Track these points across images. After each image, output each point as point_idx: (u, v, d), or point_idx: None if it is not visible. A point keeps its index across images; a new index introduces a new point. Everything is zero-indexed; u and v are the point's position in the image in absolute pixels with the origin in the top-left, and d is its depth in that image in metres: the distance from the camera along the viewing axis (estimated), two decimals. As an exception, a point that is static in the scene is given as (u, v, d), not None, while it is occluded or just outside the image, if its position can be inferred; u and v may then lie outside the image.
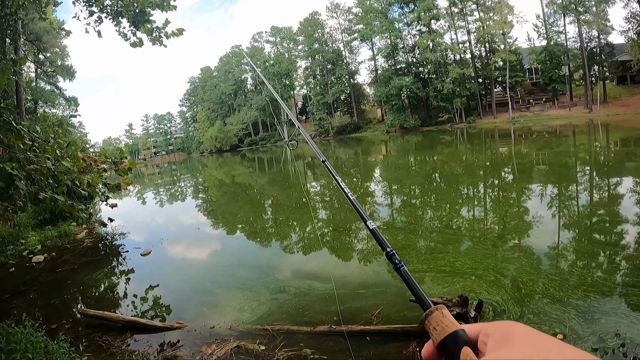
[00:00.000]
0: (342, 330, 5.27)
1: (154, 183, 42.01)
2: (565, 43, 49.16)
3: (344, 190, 1.34)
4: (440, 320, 0.72)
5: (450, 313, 0.74)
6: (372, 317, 5.63)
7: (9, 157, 5.96)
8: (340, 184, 1.38)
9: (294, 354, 5.01)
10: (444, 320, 0.72)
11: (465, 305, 4.92)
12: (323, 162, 1.68)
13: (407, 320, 5.39)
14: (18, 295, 8.67)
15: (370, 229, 1.13)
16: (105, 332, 6.28)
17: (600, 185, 13.04)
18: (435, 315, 0.73)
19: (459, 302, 4.92)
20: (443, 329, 0.71)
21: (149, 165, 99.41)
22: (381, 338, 5.15)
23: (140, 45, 8.96)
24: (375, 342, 5.11)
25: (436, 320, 0.72)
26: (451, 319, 0.72)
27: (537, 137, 32.54)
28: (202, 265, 10.28)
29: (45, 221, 15.46)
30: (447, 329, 0.70)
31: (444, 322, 0.71)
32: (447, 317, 0.73)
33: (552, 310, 5.38)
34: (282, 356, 4.98)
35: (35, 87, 41.12)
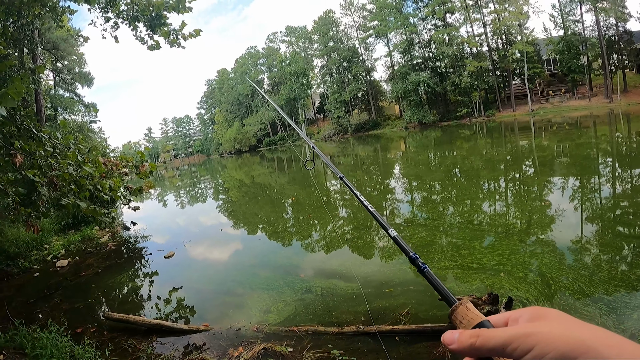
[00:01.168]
0: (371, 330, 5.20)
1: (175, 185, 42.31)
2: (583, 32, 48.37)
3: (363, 203, 1.37)
4: (465, 314, 0.74)
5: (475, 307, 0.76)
6: (400, 316, 5.54)
7: (31, 164, 5.99)
8: (360, 197, 1.43)
9: (322, 356, 4.94)
10: (469, 313, 0.74)
11: (496, 303, 4.80)
12: (341, 178, 1.79)
13: (436, 319, 5.30)
14: (43, 300, 8.75)
15: (392, 236, 1.13)
16: (130, 335, 6.29)
17: (623, 177, 12.76)
18: (460, 310, 0.76)
19: (489, 300, 4.80)
20: (469, 322, 0.72)
21: (169, 167, 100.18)
22: (410, 338, 5.05)
23: (158, 48, 8.97)
24: (405, 342, 5.01)
25: (462, 314, 0.75)
26: (476, 312, 0.74)
27: (558, 129, 32.02)
28: (226, 266, 10.27)
29: (68, 226, 15.63)
30: (472, 322, 0.72)
31: (469, 315, 0.74)
32: (471, 310, 0.75)
33: (582, 306, 5.25)
34: (310, 358, 4.92)
35: (54, 95, 41.74)
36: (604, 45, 44.91)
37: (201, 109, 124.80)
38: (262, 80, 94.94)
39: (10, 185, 6.06)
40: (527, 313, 0.65)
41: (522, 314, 0.66)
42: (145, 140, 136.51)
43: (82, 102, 46.35)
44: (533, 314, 0.64)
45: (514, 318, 0.66)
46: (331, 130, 78.06)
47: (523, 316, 0.65)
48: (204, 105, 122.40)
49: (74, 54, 42.14)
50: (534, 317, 0.63)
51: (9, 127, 5.94)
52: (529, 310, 0.65)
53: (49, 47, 36.10)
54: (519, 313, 0.66)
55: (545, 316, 0.62)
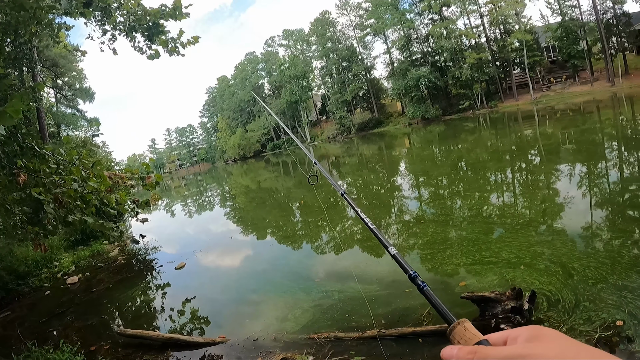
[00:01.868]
0: (392, 333, 5.06)
1: (182, 195, 42.31)
2: (580, 17, 48.22)
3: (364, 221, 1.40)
4: (463, 333, 0.74)
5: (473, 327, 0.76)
6: (422, 317, 5.39)
7: (35, 182, 5.90)
8: (360, 214, 1.46)
9: (344, 363, 4.81)
10: (467, 333, 0.74)
11: (520, 298, 4.65)
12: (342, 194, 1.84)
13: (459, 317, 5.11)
14: (55, 318, 8.66)
15: (392, 254, 1.16)
16: (145, 351, 6.17)
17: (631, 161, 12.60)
18: (458, 329, 0.75)
19: (513, 295, 4.66)
20: (467, 342, 0.72)
21: (175, 177, 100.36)
22: (434, 339, 4.90)
23: (157, 57, 8.86)
24: (428, 343, 4.86)
25: (460, 334, 0.74)
26: (474, 331, 0.74)
27: (561, 115, 31.81)
28: (238, 273, 10.17)
29: (77, 242, 15.59)
30: (470, 341, 0.71)
31: (466, 335, 0.73)
32: (469, 329, 0.74)
33: (607, 295, 5.08)
34: (332, 365, 4.79)
35: (56, 112, 41.85)
36: (603, 28, 44.62)
37: (203, 117, 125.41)
38: (262, 85, 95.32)
39: (16, 205, 5.97)
40: (525, 333, 0.65)
41: (520, 333, 0.66)
42: (150, 151, 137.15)
43: (84, 117, 46.49)
44: (531, 334, 0.64)
45: (513, 337, 0.67)
46: (334, 131, 78.15)
47: (521, 336, 0.65)
48: (206, 113, 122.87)
49: (73, 70, 42.26)
50: (532, 338, 0.63)
51: (11, 146, 5.85)
52: (527, 330, 0.66)
53: (48, 64, 36.20)
54: (518, 332, 0.67)
55: (543, 337, 0.63)
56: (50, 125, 34.93)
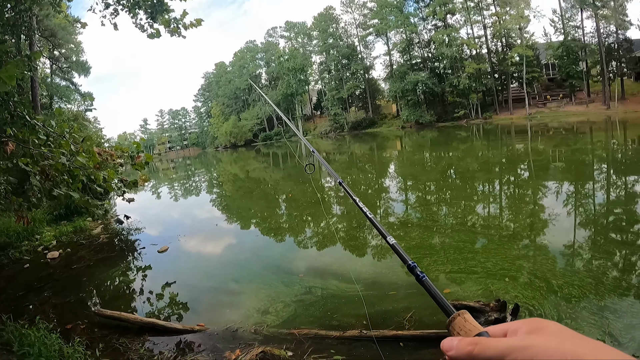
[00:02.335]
0: (373, 335, 5.03)
1: (169, 178, 42.08)
2: (583, 38, 48.32)
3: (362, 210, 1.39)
4: (463, 324, 0.73)
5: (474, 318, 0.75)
6: (404, 321, 5.36)
7: (23, 153, 5.79)
8: (359, 203, 1.46)
9: (324, 361, 4.77)
10: (467, 324, 0.73)
11: (504, 310, 4.66)
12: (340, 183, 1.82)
13: (441, 324, 5.09)
14: (32, 293, 8.54)
15: (391, 244, 1.13)
16: (122, 334, 6.09)
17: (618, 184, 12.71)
18: (458, 320, 0.74)
19: (497, 307, 4.66)
20: (467, 333, 0.71)
21: (164, 160, 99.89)
22: (415, 344, 4.88)
23: (158, 36, 8.75)
24: (409, 348, 4.84)
25: (460, 325, 0.73)
26: (474, 323, 0.73)
27: (554, 133, 32.04)
28: (221, 261, 10.11)
29: (61, 216, 15.41)
30: (470, 333, 0.71)
31: (466, 327, 0.72)
32: (469, 321, 0.73)
33: (589, 314, 5.11)
34: (312, 363, 4.75)
35: (50, 83, 41.28)
36: (604, 52, 44.88)
37: (198, 101, 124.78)
38: (259, 75, 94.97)
39: (1, 174, 5.86)
40: (526, 325, 0.65)
41: (521, 325, 0.65)
42: (141, 131, 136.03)
43: (78, 91, 45.94)
44: (532, 326, 0.64)
45: (513, 330, 0.66)
46: (327, 127, 78.12)
47: (522, 328, 0.65)
48: (201, 98, 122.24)
49: (71, 42, 41.73)
50: (533, 330, 0.63)
51: (1, 113, 5.73)
52: (528, 322, 0.65)
53: (47, 34, 35.66)
54: (518, 325, 0.66)
55: (544, 329, 0.62)
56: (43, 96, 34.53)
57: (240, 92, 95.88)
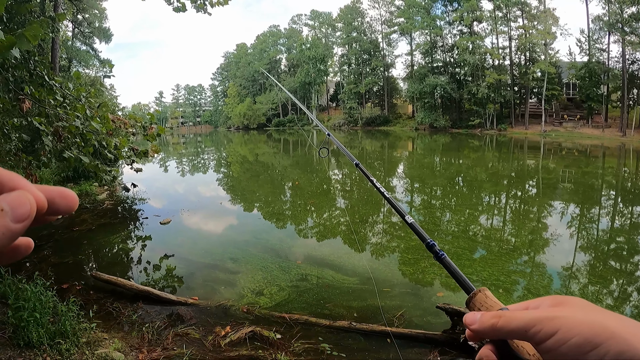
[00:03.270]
0: (362, 328, 5.10)
1: (179, 152, 42.27)
2: (607, 62, 47.66)
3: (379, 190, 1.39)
4: (484, 300, 0.73)
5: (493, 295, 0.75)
6: (394, 318, 5.43)
7: (38, 112, 5.86)
8: (376, 183, 1.44)
9: (311, 347, 4.85)
10: (487, 300, 0.72)
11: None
12: (357, 165, 1.82)
13: (430, 326, 5.20)
14: (32, 250, 8.64)
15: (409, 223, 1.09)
16: (116, 298, 6.20)
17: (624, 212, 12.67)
18: (479, 296, 0.74)
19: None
20: (487, 309, 0.70)
21: (175, 134, 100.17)
22: (403, 342, 4.95)
23: (184, 10, 8.75)
24: (397, 344, 4.90)
25: (480, 301, 0.73)
26: (494, 299, 0.72)
27: (567, 153, 31.85)
28: (221, 240, 10.19)
29: (68, 178, 15.54)
30: (491, 308, 0.70)
31: (487, 302, 0.72)
32: (490, 297, 0.73)
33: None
34: (299, 348, 4.83)
35: (71, 47, 41.40)
36: (627, 78, 44.39)
37: (215, 80, 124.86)
38: (279, 60, 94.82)
39: (14, 131, 5.93)
40: (548, 300, 0.62)
41: (543, 301, 0.63)
42: (156, 103, 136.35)
43: (97, 57, 46.12)
44: (555, 300, 0.61)
45: (535, 305, 0.64)
46: (341, 119, 77.96)
47: (544, 303, 0.62)
48: (219, 77, 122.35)
49: (96, 8, 41.87)
50: (556, 304, 0.60)
51: (21, 71, 5.80)
52: (550, 298, 0.62)
53: (72, -3, 35.80)
54: (540, 301, 0.64)
55: (568, 303, 0.59)
56: (62, 58, 34.60)
57: (258, 75, 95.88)
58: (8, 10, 5.83)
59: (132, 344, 4.93)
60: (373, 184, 1.43)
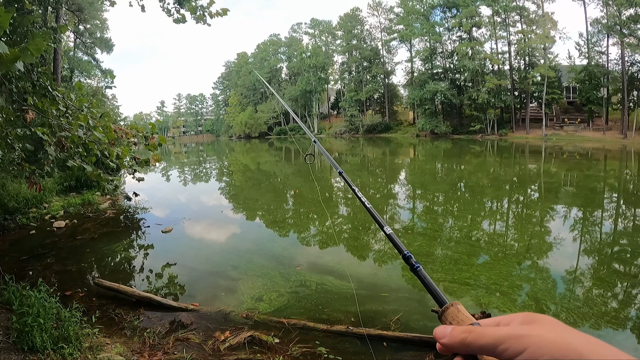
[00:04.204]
0: (359, 332, 5.17)
1: (180, 161, 42.40)
2: (607, 64, 47.74)
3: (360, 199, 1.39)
4: (455, 314, 0.73)
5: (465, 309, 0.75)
6: (390, 322, 5.51)
7: (42, 122, 5.97)
8: (357, 193, 1.46)
9: (308, 351, 4.93)
10: (459, 314, 0.72)
11: (487, 322, 4.74)
12: (340, 173, 1.80)
13: (426, 330, 5.25)
14: (36, 258, 8.77)
15: (387, 234, 1.12)
16: (118, 305, 6.29)
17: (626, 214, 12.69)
18: (451, 310, 0.74)
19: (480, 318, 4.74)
20: (459, 323, 0.70)
21: (177, 143, 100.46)
22: (399, 345, 5.03)
23: (183, 21, 8.89)
24: (392, 348, 4.98)
25: (452, 315, 0.73)
26: (467, 314, 0.72)
27: (568, 157, 31.82)
28: (222, 248, 10.26)
29: (70, 188, 15.67)
30: (463, 323, 0.70)
31: (459, 317, 0.72)
32: (462, 312, 0.73)
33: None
34: (296, 352, 4.90)
35: (72, 57, 41.65)
36: (626, 80, 44.41)
37: (216, 89, 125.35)
38: (280, 68, 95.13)
39: (18, 141, 6.03)
40: (519, 317, 0.63)
41: (514, 318, 0.64)
42: (157, 113, 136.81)
43: (99, 67, 46.39)
44: (526, 318, 0.62)
45: (506, 322, 0.64)
46: (343, 127, 78.12)
47: (515, 320, 0.63)
48: (220, 86, 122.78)
49: (97, 18, 42.10)
50: (527, 321, 0.61)
51: (24, 82, 5.91)
52: (521, 315, 0.63)
53: (74, 8, 35.92)
54: (512, 317, 0.64)
55: (538, 321, 0.60)
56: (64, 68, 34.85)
57: (259, 84, 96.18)
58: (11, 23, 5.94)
59: (133, 348, 5.01)
60: (355, 193, 1.47)
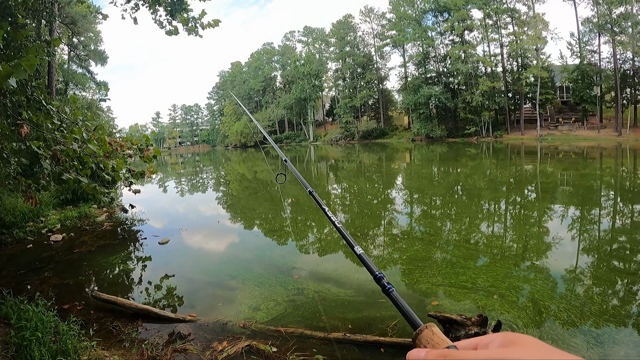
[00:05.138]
0: (356, 339, 5.18)
1: (177, 172, 42.35)
2: (599, 63, 48.09)
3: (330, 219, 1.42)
4: (430, 337, 0.72)
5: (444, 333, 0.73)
6: (387, 328, 5.51)
7: (37, 136, 5.99)
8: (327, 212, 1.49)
9: (306, 359, 4.92)
10: (434, 337, 0.71)
11: (485, 325, 4.75)
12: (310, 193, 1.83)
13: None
14: (33, 272, 8.75)
15: (358, 254, 1.15)
16: (116, 317, 6.28)
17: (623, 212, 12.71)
18: (425, 333, 0.73)
19: (478, 322, 4.76)
20: (434, 347, 0.70)
21: (173, 154, 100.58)
22: (396, 351, 5.03)
23: (176, 33, 8.96)
24: (390, 354, 4.99)
25: (427, 338, 0.72)
26: (442, 336, 0.72)
27: (564, 156, 31.92)
28: (220, 258, 10.24)
29: (67, 201, 15.66)
30: (438, 346, 0.69)
31: (434, 340, 0.71)
32: (437, 334, 0.72)
33: (570, 337, 5.18)
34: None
35: (67, 70, 41.77)
36: (619, 78, 44.66)
37: (211, 99, 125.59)
38: (274, 77, 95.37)
39: (13, 155, 6.05)
40: (498, 339, 0.60)
41: (492, 339, 0.61)
42: (153, 124, 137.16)
43: (93, 80, 46.54)
44: (505, 339, 0.59)
45: (484, 344, 0.62)
46: (338, 134, 78.33)
47: (494, 342, 0.60)
48: (215, 96, 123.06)
49: (91, 31, 42.26)
50: (506, 343, 0.58)
51: (18, 96, 5.94)
52: (500, 336, 0.60)
53: (67, 21, 36.04)
54: (490, 338, 0.62)
55: (518, 342, 0.57)
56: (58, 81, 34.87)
57: (253, 93, 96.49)
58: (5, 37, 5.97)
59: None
60: (325, 212, 1.49)
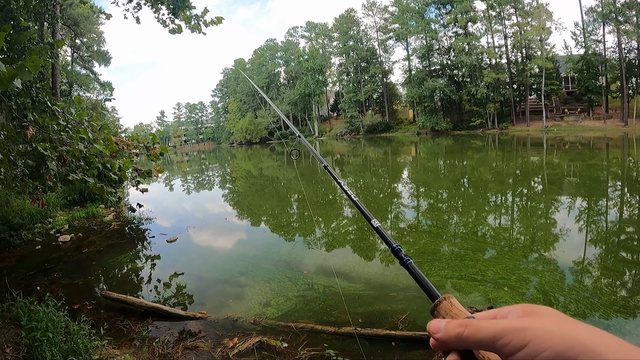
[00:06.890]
0: (367, 333, 5.17)
1: (183, 170, 42.47)
2: (604, 53, 47.69)
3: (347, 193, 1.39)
4: (449, 308, 0.71)
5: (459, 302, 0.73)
6: (398, 322, 5.50)
7: (42, 137, 5.99)
8: (343, 186, 1.44)
9: (317, 354, 4.92)
10: (453, 309, 0.70)
11: (495, 317, 4.72)
12: (325, 167, 1.80)
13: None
14: (42, 273, 8.79)
15: (375, 227, 1.12)
16: (127, 316, 6.30)
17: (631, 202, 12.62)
18: (444, 304, 0.72)
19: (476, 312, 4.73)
20: (453, 317, 0.68)
21: (179, 152, 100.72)
22: (407, 344, 5.02)
23: (179, 32, 8.95)
24: (401, 347, 4.98)
25: (445, 309, 0.71)
26: (460, 308, 0.71)
27: (570, 147, 31.73)
28: (228, 255, 10.25)
29: (74, 202, 15.72)
30: (457, 317, 0.68)
31: (452, 311, 0.70)
32: (455, 305, 0.71)
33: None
34: (305, 355, 4.90)
35: (71, 71, 41.81)
36: (624, 67, 44.30)
37: (215, 97, 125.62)
38: (278, 73, 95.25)
39: (20, 157, 6.06)
40: (517, 309, 0.60)
41: (512, 310, 0.60)
42: (158, 123, 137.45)
43: (97, 80, 46.55)
44: (525, 310, 0.59)
45: (503, 314, 0.61)
46: (343, 129, 78.18)
47: (513, 312, 0.60)
48: (219, 93, 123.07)
49: (93, 32, 42.29)
50: (525, 313, 0.58)
51: (23, 98, 5.94)
52: (519, 307, 0.60)
53: (69, 23, 36.08)
54: (509, 309, 0.61)
55: (538, 313, 0.57)
56: (62, 83, 34.94)
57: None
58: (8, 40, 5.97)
59: (142, 358, 5.01)
60: (341, 186, 1.45)
